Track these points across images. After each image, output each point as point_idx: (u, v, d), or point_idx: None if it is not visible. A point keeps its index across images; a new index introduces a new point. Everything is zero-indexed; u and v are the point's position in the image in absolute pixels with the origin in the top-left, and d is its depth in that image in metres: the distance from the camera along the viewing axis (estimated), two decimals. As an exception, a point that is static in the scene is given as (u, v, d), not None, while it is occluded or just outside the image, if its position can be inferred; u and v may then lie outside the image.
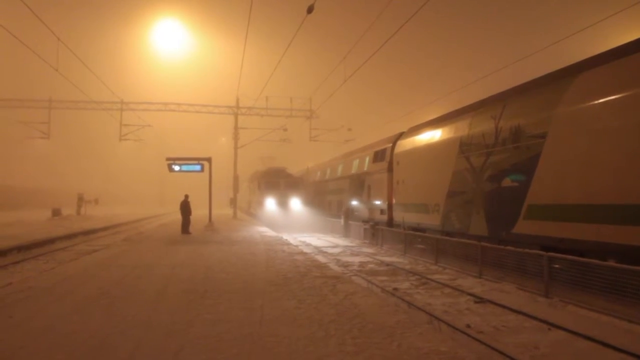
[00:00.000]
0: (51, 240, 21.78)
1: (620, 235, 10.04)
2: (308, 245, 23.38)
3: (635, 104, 9.85)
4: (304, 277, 11.22)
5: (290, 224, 34.03)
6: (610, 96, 10.56)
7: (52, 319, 7.33)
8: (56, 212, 39.05)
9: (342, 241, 25.85)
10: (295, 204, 37.10)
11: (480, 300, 10.80)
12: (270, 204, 37.03)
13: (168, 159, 25.56)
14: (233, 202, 43.07)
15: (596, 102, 10.93)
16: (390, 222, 22.92)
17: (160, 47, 75.69)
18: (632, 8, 12.97)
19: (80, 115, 48.22)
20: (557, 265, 11.13)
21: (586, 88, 11.43)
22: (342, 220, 29.69)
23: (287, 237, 25.13)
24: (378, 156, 25.39)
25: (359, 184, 28.11)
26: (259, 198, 39.09)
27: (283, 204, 36.86)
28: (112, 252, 16.44)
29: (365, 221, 25.92)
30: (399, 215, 22.06)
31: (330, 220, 32.42)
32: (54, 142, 48.72)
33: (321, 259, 17.01)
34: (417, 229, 19.69)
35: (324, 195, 37.29)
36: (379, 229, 23.06)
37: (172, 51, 78.01)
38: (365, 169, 27.37)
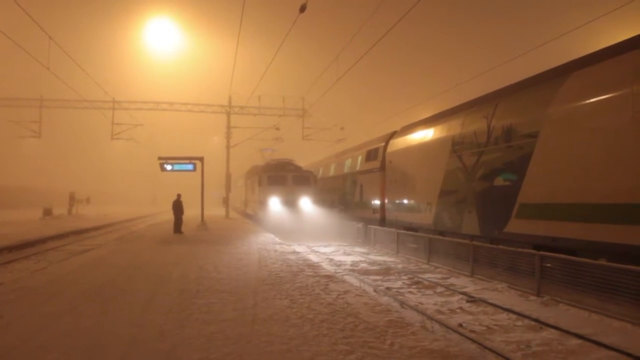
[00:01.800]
0: (42, 240, 21.67)
1: (610, 234, 10.10)
2: (301, 245, 23.35)
3: (625, 104, 9.91)
4: (296, 276, 11.23)
5: (302, 230, 27.48)
6: (600, 96, 10.61)
7: (43, 319, 7.29)
8: (47, 212, 38.84)
9: (334, 240, 25.85)
10: (307, 204, 29.33)
11: (472, 299, 10.83)
12: (274, 204, 29.21)
13: (160, 158, 25.47)
14: (225, 201, 43.01)
15: (587, 101, 10.99)
16: (382, 221, 22.95)
17: (153, 45, 75.31)
18: (627, 6, 13.04)
19: (71, 114, 48.01)
20: (548, 264, 11.19)
21: (577, 88, 11.48)
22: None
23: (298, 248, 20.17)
24: (371, 155, 25.41)
25: (352, 183, 28.12)
26: (259, 196, 30.87)
27: (291, 203, 29.00)
28: (104, 252, 16.38)
29: (357, 220, 25.93)
30: (391, 214, 22.09)
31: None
32: (45, 141, 48.50)
33: (313, 258, 17.02)
34: (409, 228, 19.73)
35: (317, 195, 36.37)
36: (371, 228, 23.07)
37: (164, 50, 77.68)
38: (357, 168, 27.37)
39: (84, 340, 6.21)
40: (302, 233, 26.96)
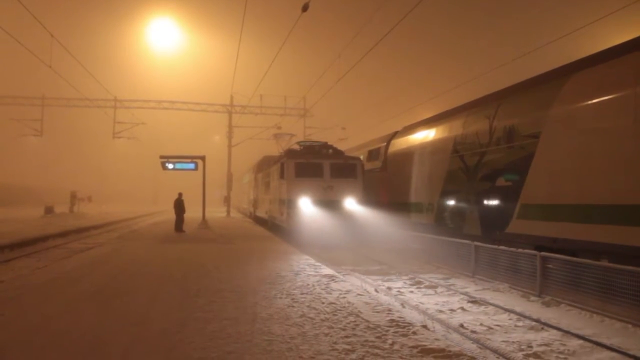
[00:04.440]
0: (44, 238, 21.68)
1: (612, 235, 10.08)
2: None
3: (627, 106, 9.89)
4: (297, 275, 11.23)
5: (355, 247, 19.09)
6: (601, 97, 10.59)
7: (44, 317, 7.30)
8: (49, 210, 38.88)
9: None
10: (354, 205, 20.79)
11: (473, 299, 10.82)
12: (305, 206, 20.23)
13: (162, 157, 25.48)
14: (227, 200, 43.10)
15: (588, 102, 10.97)
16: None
17: (155, 45, 75.58)
18: (629, 7, 13.03)
19: (73, 113, 48.16)
20: (550, 265, 11.17)
21: (578, 89, 11.47)
22: None
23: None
24: (372, 155, 25.36)
25: None
26: (282, 194, 21.74)
27: (331, 205, 20.33)
28: (106, 250, 16.38)
29: None
30: (393, 214, 22.04)
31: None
32: (47, 139, 48.66)
33: (314, 257, 16.99)
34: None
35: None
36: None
37: (167, 49, 77.90)
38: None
39: (85, 339, 6.21)
40: (358, 254, 18.24)
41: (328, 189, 20.61)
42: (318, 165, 20.96)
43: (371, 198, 24.87)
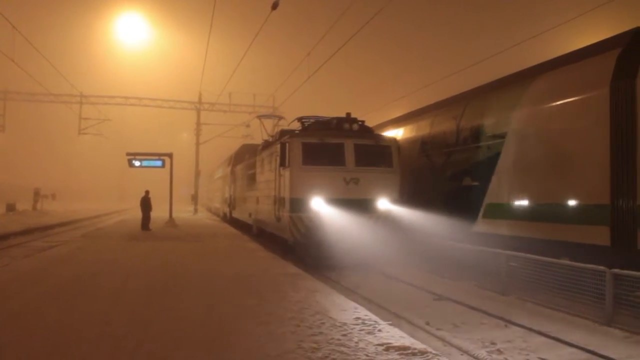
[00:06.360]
0: (5, 236, 21.18)
1: (573, 234, 10.30)
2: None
3: (589, 107, 10.13)
4: (265, 273, 11.20)
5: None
6: (565, 99, 10.82)
7: (5, 317, 7.13)
8: (10, 208, 37.89)
9: None
10: (391, 206, 14.83)
11: (439, 297, 10.94)
12: (318, 207, 14.18)
13: (128, 154, 25.14)
14: (194, 198, 42.82)
15: (553, 104, 11.19)
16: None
17: (122, 40, 74.09)
18: (599, 8, 13.33)
19: (37, 108, 47.23)
20: (514, 264, 11.34)
21: (543, 91, 11.70)
22: None
23: None
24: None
25: None
26: (278, 190, 15.80)
27: (357, 206, 14.24)
28: (70, 249, 16.07)
29: None
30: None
31: None
32: (9, 135, 47.52)
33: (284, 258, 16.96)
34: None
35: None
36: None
37: (134, 45, 76.44)
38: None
39: (47, 340, 6.08)
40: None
41: (352, 183, 14.46)
42: (337, 147, 14.61)
43: None
